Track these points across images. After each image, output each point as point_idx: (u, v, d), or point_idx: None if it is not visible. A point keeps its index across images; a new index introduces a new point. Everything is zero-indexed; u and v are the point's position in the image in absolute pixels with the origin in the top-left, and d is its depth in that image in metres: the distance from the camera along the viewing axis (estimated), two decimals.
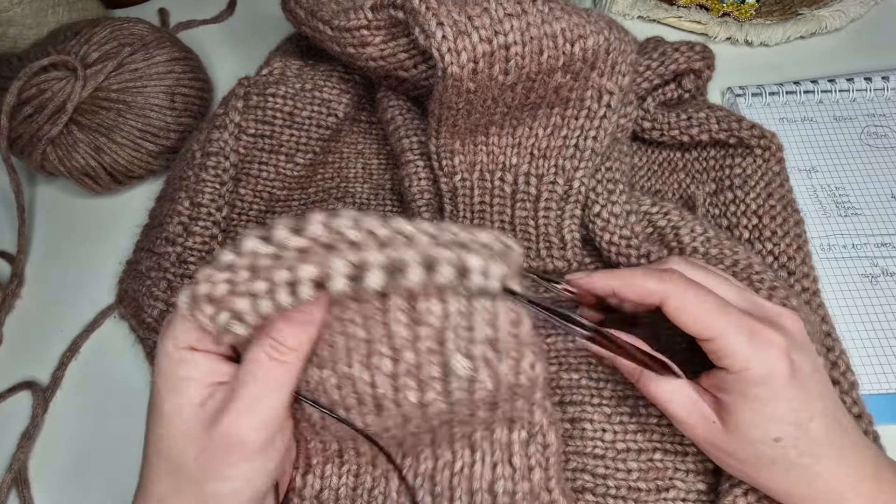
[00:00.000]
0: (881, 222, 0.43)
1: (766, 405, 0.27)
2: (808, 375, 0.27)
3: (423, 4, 0.32)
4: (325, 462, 0.31)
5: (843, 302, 0.41)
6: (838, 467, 0.27)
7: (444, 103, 0.35)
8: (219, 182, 0.41)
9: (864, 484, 0.27)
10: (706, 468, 0.34)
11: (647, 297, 0.29)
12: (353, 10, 0.37)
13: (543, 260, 0.39)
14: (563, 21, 0.33)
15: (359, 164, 0.47)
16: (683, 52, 0.44)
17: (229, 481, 0.24)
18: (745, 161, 0.43)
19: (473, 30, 0.32)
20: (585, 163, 0.39)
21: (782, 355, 0.27)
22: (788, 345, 0.27)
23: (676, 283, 0.28)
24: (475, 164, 0.40)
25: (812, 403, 0.27)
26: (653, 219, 0.39)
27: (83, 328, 0.43)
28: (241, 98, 0.43)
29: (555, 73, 0.35)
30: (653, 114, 0.44)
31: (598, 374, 0.37)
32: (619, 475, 0.34)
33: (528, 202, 0.40)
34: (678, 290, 0.28)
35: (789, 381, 0.27)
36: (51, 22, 0.49)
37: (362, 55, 0.38)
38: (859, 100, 0.49)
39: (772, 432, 0.27)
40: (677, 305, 0.28)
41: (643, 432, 0.35)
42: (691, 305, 0.28)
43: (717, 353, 0.28)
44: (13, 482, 0.38)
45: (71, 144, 0.43)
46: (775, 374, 0.27)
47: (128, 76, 0.43)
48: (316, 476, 0.31)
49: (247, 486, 0.25)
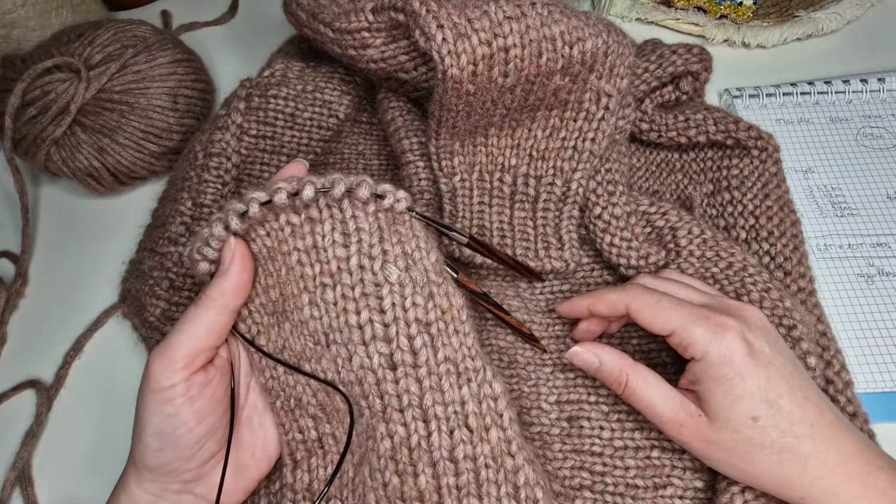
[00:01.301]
0: (877, 222, 0.44)
1: (734, 385, 0.29)
2: (767, 356, 0.29)
3: (423, 7, 0.33)
4: (310, 455, 0.31)
5: (839, 302, 0.41)
6: (823, 447, 0.28)
7: (444, 105, 0.35)
8: (221, 182, 0.42)
9: (850, 464, 0.28)
10: (703, 465, 0.34)
11: (614, 307, 0.33)
12: (354, 12, 0.37)
13: (542, 260, 0.39)
14: (561, 24, 0.34)
15: (359, 166, 0.48)
16: (681, 54, 0.44)
17: (148, 419, 0.28)
18: (742, 162, 0.43)
19: (473, 32, 0.32)
20: (583, 164, 0.39)
21: (736, 336, 0.29)
22: (741, 327, 0.30)
23: (635, 290, 0.32)
24: (474, 164, 0.40)
25: (776, 381, 0.29)
26: (651, 219, 0.39)
27: (86, 327, 0.43)
28: (243, 99, 0.44)
29: (554, 76, 0.35)
30: (651, 115, 0.45)
31: None
32: (616, 472, 0.34)
33: (527, 203, 0.40)
34: (636, 295, 0.32)
35: (748, 360, 0.29)
36: (54, 24, 0.49)
37: (363, 57, 0.39)
38: (855, 101, 0.49)
39: (747, 411, 0.28)
40: (637, 308, 0.32)
41: (641, 430, 0.35)
42: (648, 306, 0.31)
43: (681, 344, 0.30)
44: (17, 480, 0.38)
45: (74, 145, 0.44)
46: (734, 353, 0.29)
47: (131, 78, 0.44)
48: (304, 470, 0.31)
49: (164, 421, 0.28)
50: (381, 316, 0.29)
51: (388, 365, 0.29)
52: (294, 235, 0.29)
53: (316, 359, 0.30)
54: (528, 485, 0.28)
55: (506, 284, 0.41)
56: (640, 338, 0.39)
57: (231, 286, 0.29)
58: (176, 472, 0.29)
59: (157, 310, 0.39)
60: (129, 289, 0.42)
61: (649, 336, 0.39)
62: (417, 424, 0.28)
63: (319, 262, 0.29)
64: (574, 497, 0.34)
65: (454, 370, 0.29)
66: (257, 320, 0.30)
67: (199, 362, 0.29)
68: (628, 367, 0.31)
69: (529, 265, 0.38)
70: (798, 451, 0.28)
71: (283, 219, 0.29)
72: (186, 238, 0.40)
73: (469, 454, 0.28)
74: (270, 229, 0.29)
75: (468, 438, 0.28)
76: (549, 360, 0.38)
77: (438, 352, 0.29)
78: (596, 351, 0.32)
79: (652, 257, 0.38)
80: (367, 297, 0.29)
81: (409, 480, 0.28)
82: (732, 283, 0.36)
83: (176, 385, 0.28)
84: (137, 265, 0.43)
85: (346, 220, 0.29)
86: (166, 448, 0.28)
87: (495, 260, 0.37)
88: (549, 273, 0.40)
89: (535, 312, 0.40)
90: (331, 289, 0.29)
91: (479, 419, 0.29)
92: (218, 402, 0.29)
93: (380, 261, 0.29)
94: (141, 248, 0.44)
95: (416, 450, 0.28)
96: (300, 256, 0.29)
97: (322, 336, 0.29)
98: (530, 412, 0.36)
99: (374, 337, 0.29)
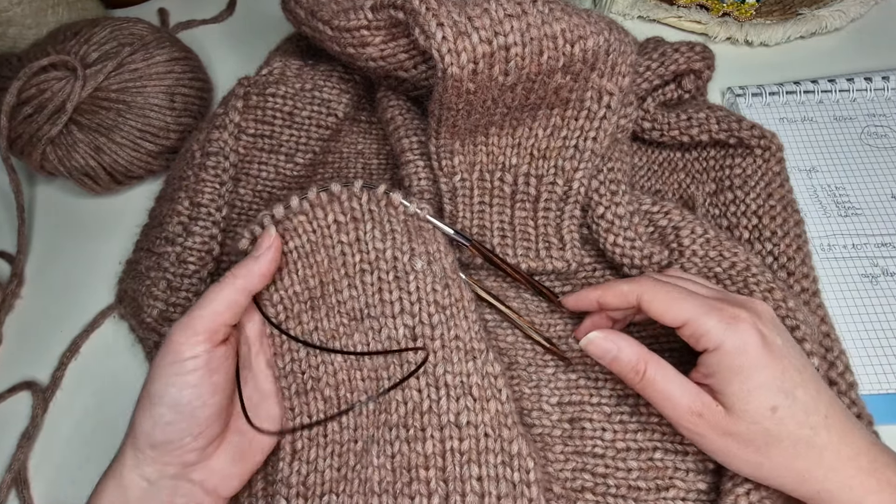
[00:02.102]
0: (881, 222, 0.43)
1: (750, 375, 0.28)
2: (781, 348, 0.29)
3: (423, 5, 0.32)
4: (311, 445, 0.33)
5: (843, 302, 0.41)
6: (837, 439, 0.28)
7: (444, 104, 0.35)
8: (218, 182, 0.41)
9: (862, 458, 0.28)
10: (706, 467, 0.34)
11: (625, 298, 0.33)
12: (353, 10, 0.37)
13: (543, 260, 0.39)
14: (563, 22, 0.33)
15: (358, 165, 0.47)
16: (683, 52, 0.44)
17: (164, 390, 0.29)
18: (745, 161, 0.43)
19: (473, 30, 0.32)
20: (585, 163, 0.39)
21: (750, 327, 0.29)
22: (754, 319, 0.29)
23: (647, 281, 0.32)
24: (475, 164, 0.40)
25: (791, 373, 0.29)
26: (654, 218, 0.39)
27: (83, 328, 0.43)
28: (241, 98, 0.43)
29: (555, 74, 0.35)
30: (653, 114, 0.44)
31: (595, 374, 0.37)
32: (619, 474, 0.34)
33: (528, 202, 0.40)
34: (648, 286, 0.32)
35: (763, 351, 0.29)
36: (50, 22, 0.49)
37: (362, 55, 0.38)
38: (859, 100, 0.49)
39: (765, 401, 0.28)
40: (649, 299, 0.31)
41: (643, 431, 0.35)
42: (660, 296, 0.31)
43: (693, 335, 0.30)
44: (13, 482, 0.38)
45: (70, 144, 0.43)
46: (749, 344, 0.29)
47: (127, 76, 0.43)
48: (302, 461, 0.33)
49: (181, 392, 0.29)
50: (408, 295, 0.34)
51: (411, 336, 0.34)
52: (339, 231, 0.35)
53: (348, 335, 0.34)
54: (521, 455, 0.31)
55: (507, 285, 0.41)
56: (642, 339, 0.38)
57: (259, 270, 0.32)
58: (182, 449, 0.29)
59: (155, 311, 0.39)
60: (126, 289, 0.42)
61: (651, 336, 0.39)
62: (430, 390, 0.32)
63: (360, 251, 0.35)
64: (576, 499, 0.34)
65: (462, 347, 0.34)
66: (287, 306, 0.35)
67: (218, 336, 0.30)
68: (647, 355, 0.31)
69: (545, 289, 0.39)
70: (814, 442, 0.28)
71: (330, 217, 0.35)
72: (184, 238, 0.40)
73: (472, 421, 0.32)
74: (317, 226, 0.35)
75: (472, 406, 0.32)
76: (550, 361, 0.38)
77: (451, 330, 0.34)
78: (614, 339, 0.31)
79: (655, 256, 0.37)
80: (398, 280, 0.34)
81: (418, 446, 0.32)
82: (735, 282, 0.35)
83: (198, 356, 0.29)
84: (134, 265, 0.42)
85: (384, 221, 0.35)
86: (178, 421, 0.29)
87: (510, 275, 0.39)
88: (550, 273, 0.40)
89: (537, 313, 0.40)
90: (369, 273, 0.35)
91: (482, 391, 0.33)
92: (230, 380, 0.31)
93: (409, 255, 0.35)
94: (138, 248, 0.44)
95: (427, 414, 0.32)
96: (343, 248, 0.35)
97: (358, 312, 0.34)
98: (531, 414, 0.36)
99: (402, 311, 0.34)
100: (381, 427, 0.33)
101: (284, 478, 0.32)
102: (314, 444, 0.33)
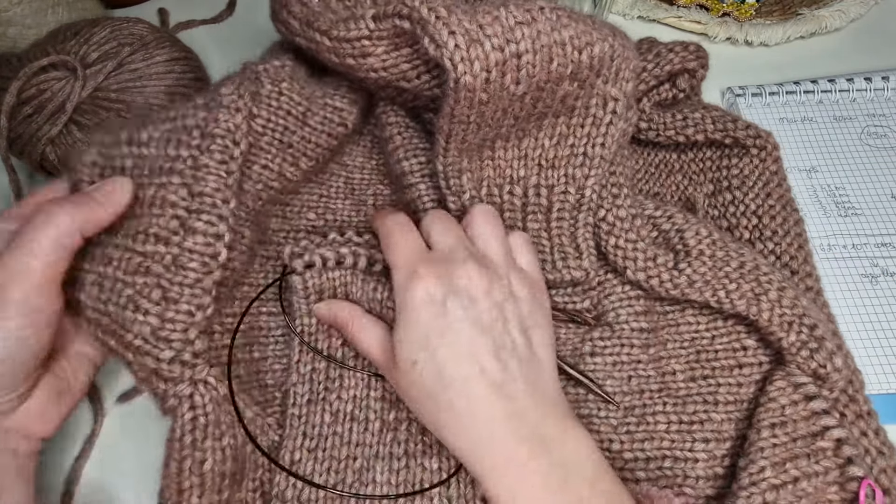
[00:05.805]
0: (881, 222, 0.43)
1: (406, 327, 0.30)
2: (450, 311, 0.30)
3: (432, 14, 0.31)
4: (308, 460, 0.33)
5: (843, 302, 0.41)
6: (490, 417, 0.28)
7: (456, 117, 0.34)
8: (225, 170, 0.34)
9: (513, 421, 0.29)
10: (715, 473, 0.34)
11: None
12: (353, 20, 0.36)
13: (560, 272, 0.38)
14: (570, 28, 0.33)
15: (340, 180, 0.45)
16: (677, 52, 0.44)
17: None
18: (741, 161, 0.42)
19: (486, 38, 0.31)
20: (596, 170, 0.38)
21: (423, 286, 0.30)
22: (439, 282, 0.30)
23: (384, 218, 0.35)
24: (482, 179, 0.39)
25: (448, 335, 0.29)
26: (657, 222, 0.39)
27: None
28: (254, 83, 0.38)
29: (563, 82, 0.34)
30: (648, 114, 0.44)
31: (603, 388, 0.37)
32: (628, 485, 0.34)
33: (540, 213, 0.39)
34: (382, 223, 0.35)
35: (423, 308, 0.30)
36: (50, 22, 0.49)
37: (363, 66, 0.37)
38: (859, 100, 0.49)
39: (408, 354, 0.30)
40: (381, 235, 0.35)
41: (651, 440, 0.35)
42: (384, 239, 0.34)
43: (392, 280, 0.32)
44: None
45: (70, 144, 0.43)
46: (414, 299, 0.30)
47: (127, 76, 0.43)
48: None
49: None
50: None
51: None
52: None
53: None
54: None
55: None
56: (643, 339, 0.38)
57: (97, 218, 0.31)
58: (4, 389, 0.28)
59: (147, 328, 0.30)
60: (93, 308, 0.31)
61: (660, 343, 0.39)
62: None
63: None
64: None
65: None
66: None
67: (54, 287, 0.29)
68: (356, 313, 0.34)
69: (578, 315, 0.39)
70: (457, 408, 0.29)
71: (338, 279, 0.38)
72: (181, 236, 0.32)
73: None
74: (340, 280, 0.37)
75: None
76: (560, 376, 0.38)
77: None
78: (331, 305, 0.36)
79: (660, 258, 0.37)
80: None
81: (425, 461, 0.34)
82: (748, 281, 0.35)
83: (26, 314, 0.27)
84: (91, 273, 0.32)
85: None
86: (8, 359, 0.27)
87: None
88: (568, 284, 0.39)
89: None
90: None
91: None
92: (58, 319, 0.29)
93: None
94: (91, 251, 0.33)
95: None
96: None
97: None
98: None
99: None
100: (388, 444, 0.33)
101: (280, 492, 0.32)
102: (312, 456, 0.33)
